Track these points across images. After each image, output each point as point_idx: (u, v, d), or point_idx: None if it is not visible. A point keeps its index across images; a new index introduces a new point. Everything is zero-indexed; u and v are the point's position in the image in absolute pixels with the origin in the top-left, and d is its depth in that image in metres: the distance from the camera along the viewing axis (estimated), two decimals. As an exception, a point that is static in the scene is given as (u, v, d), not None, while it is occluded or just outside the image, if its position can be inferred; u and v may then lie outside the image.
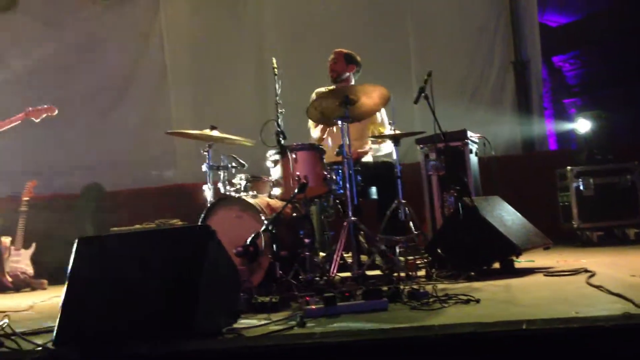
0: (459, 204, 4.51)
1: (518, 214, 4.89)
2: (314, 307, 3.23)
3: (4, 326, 3.04)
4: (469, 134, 5.47)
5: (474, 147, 5.54)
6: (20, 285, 6.16)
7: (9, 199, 6.93)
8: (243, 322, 3.09)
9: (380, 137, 5.17)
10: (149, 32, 8.10)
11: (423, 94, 4.64)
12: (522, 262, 4.65)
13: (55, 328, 2.83)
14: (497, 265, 4.50)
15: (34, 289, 6.19)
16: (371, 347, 2.36)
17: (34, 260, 6.43)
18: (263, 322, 3.06)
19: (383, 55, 7.41)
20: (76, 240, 3.03)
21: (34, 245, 6.46)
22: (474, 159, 5.52)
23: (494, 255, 4.47)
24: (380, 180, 5.03)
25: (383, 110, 5.24)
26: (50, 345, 2.77)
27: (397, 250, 4.53)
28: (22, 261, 6.34)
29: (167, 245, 2.98)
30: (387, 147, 5.27)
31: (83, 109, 7.81)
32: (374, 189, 5.15)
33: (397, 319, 2.95)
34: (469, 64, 7.74)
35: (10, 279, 6.11)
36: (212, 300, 2.87)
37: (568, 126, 8.34)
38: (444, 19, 7.81)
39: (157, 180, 7.73)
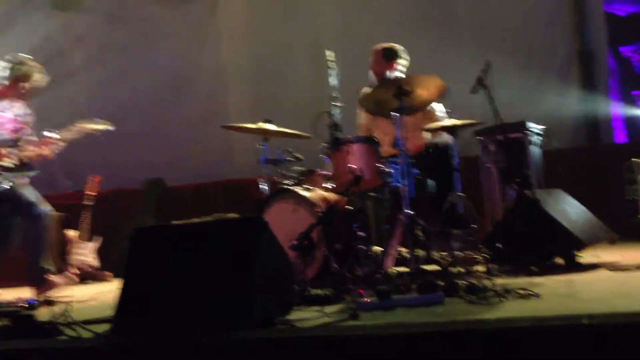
0: (520, 197, 4.40)
1: (582, 207, 4.73)
2: (367, 300, 3.20)
3: (65, 315, 3.11)
4: (530, 125, 5.31)
5: (535, 139, 5.37)
6: (85, 277, 6.35)
7: (76, 193, 7.14)
8: (296, 314, 3.08)
9: (436, 130, 5.06)
10: (207, 28, 8.20)
11: (481, 84, 4.52)
12: (585, 257, 4.49)
13: (114, 317, 2.89)
14: (559, 260, 4.36)
15: (98, 281, 6.37)
16: (423, 340, 2.31)
17: (100, 253, 6.62)
18: (316, 314, 3.05)
19: (439, 42, 7.27)
20: (133, 232, 3.08)
21: (99, 238, 6.64)
22: (535, 150, 5.36)
23: (556, 250, 4.33)
24: (437, 170, 4.92)
25: (437, 106, 5.16)
26: (108, 334, 2.83)
27: (455, 244, 4.45)
28: (87, 254, 6.53)
29: (221, 236, 3.01)
30: (445, 139, 5.16)
31: (144, 105, 7.98)
32: (431, 182, 5.06)
33: (452, 313, 2.90)
34: (532, 53, 7.53)
35: (76, 271, 6.30)
36: (265, 291, 2.88)
37: (636, 118, 8.04)
38: (505, 7, 7.61)
39: (216, 175, 7.81)
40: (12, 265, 5.24)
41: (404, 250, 4.43)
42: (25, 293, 4.95)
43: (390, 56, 5.22)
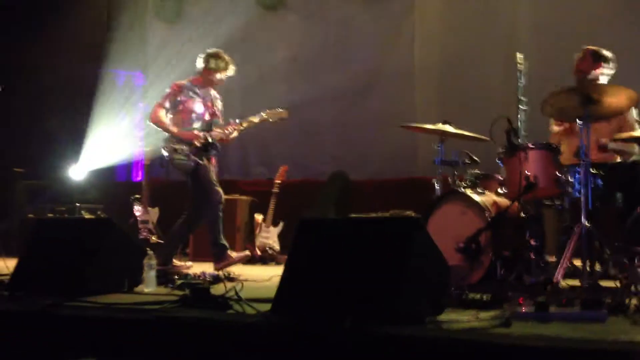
0: None
1: None
2: (524, 309, 3.14)
3: (236, 291, 3.40)
4: None
5: None
6: (267, 259, 6.81)
7: (266, 181, 7.65)
8: (449, 316, 3.10)
9: (627, 141, 4.76)
10: (402, 28, 8.31)
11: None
12: None
13: (274, 298, 3.12)
14: None
15: (279, 263, 6.78)
16: (566, 356, 2.25)
17: (282, 237, 7.05)
18: (467, 317, 3.05)
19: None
20: (299, 222, 3.30)
21: (282, 223, 7.07)
22: None
23: None
24: (627, 184, 4.64)
25: (635, 112, 4.84)
26: (268, 313, 3.06)
27: (637, 262, 4.17)
28: (271, 237, 7.00)
29: (378, 233, 3.11)
30: (635, 151, 4.84)
31: (333, 101, 8.31)
32: (619, 195, 4.77)
33: (610, 332, 2.75)
34: None
35: (259, 252, 6.77)
36: (417, 289, 2.94)
37: None
38: None
39: (399, 172, 7.93)
40: (204, 242, 5.79)
41: (579, 263, 4.23)
42: (211, 268, 5.44)
43: (599, 58, 5.05)
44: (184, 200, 5.65)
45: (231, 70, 5.70)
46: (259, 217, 7.10)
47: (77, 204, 7.59)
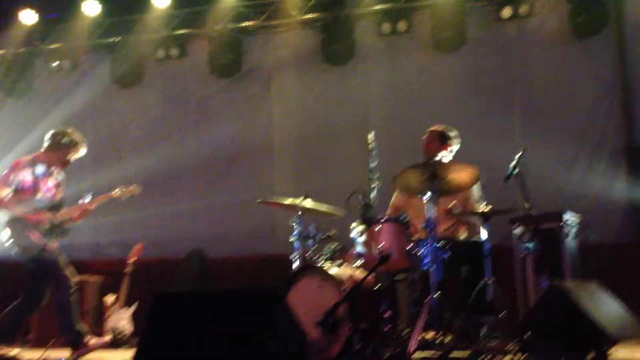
0: (550, 287, 4.32)
1: (617, 302, 4.60)
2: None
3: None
4: (567, 215, 5.26)
5: (572, 230, 5.31)
6: (120, 342, 6.45)
7: (119, 260, 7.34)
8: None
9: (469, 214, 5.08)
10: (260, 107, 8.49)
11: (513, 173, 4.56)
12: (619, 353, 4.33)
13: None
14: (591, 355, 4.22)
15: (133, 346, 6.44)
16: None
17: (136, 319, 6.73)
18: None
19: (485, 129, 7.31)
20: (154, 297, 3.18)
21: (136, 304, 6.77)
22: (571, 242, 5.29)
23: (587, 344, 4.20)
24: (470, 259, 4.91)
25: (477, 188, 5.20)
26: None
27: (483, 331, 4.38)
28: (123, 319, 6.65)
29: (237, 306, 3.06)
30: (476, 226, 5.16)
31: (192, 178, 8.25)
32: (464, 268, 5.03)
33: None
34: (578, 145, 7.46)
35: (110, 336, 6.40)
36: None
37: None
38: (552, 97, 7.60)
39: (258, 249, 7.92)
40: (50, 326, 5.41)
41: (430, 334, 4.37)
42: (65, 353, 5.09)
43: (447, 139, 5.34)
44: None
45: (82, 151, 5.51)
46: (109, 299, 6.75)
47: None
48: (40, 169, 5.34)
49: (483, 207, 4.67)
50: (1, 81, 8.93)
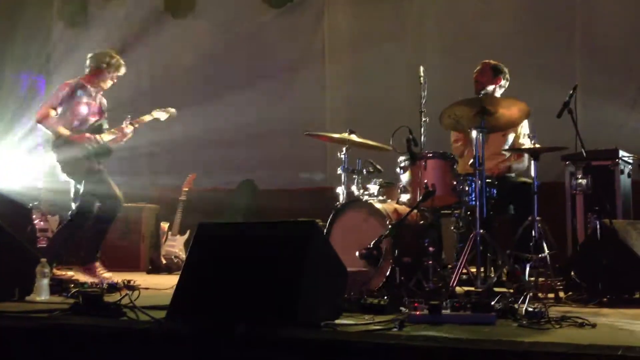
0: (600, 226, 4.24)
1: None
2: (417, 313, 3.22)
3: (130, 299, 3.32)
4: (622, 153, 5.10)
5: (626, 168, 5.16)
6: (173, 267, 6.69)
7: (173, 189, 7.52)
8: (346, 320, 3.14)
9: (518, 151, 4.99)
10: (313, 38, 8.39)
11: (567, 108, 4.42)
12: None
13: (169, 304, 3.07)
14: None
15: (185, 272, 6.68)
16: (450, 356, 2.32)
17: (189, 246, 6.93)
18: (363, 321, 3.10)
19: (543, 68, 7.07)
20: (197, 226, 3.27)
21: (189, 232, 6.97)
22: (626, 180, 5.15)
23: (634, 284, 4.15)
24: (518, 197, 4.85)
25: (527, 124, 5.08)
26: (163, 319, 3.01)
27: (527, 268, 4.37)
28: (177, 246, 6.88)
29: (276, 237, 3.12)
30: (524, 163, 5.08)
31: (244, 109, 8.27)
32: (511, 206, 4.97)
33: (497, 333, 2.86)
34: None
35: (164, 261, 6.65)
36: (314, 293, 2.97)
37: None
38: (616, 33, 7.24)
39: (308, 181, 7.98)
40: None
41: (474, 269, 4.38)
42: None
43: (499, 72, 5.23)
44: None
45: (122, 70, 5.57)
46: (165, 225, 6.97)
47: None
48: (84, 91, 5.45)
49: (533, 144, 4.57)
50: (61, 10, 9.07)
